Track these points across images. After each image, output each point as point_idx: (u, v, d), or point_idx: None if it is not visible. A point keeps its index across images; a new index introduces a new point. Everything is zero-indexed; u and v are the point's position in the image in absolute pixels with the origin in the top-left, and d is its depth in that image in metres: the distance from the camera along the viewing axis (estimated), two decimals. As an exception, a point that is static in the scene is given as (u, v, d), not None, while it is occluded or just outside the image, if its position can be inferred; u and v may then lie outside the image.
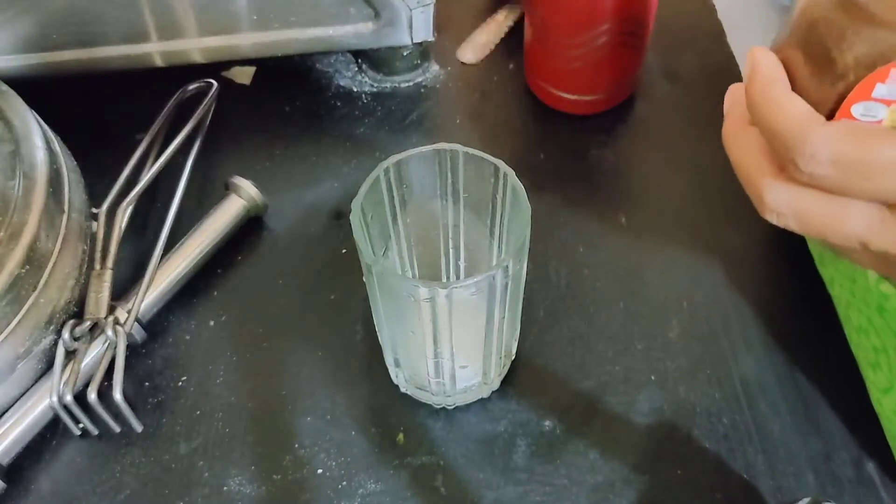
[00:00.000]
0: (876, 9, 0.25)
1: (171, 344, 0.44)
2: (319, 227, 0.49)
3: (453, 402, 0.41)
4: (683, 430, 0.41)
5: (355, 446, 0.41)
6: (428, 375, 0.39)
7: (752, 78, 0.27)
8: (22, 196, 0.39)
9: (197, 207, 0.48)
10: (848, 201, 0.25)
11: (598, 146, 0.52)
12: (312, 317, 0.45)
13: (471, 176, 0.37)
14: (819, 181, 0.25)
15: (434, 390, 0.40)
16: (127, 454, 0.41)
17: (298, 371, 0.43)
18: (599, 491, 0.39)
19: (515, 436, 0.41)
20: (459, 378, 0.39)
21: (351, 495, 0.39)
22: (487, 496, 0.39)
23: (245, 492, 0.39)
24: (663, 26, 0.52)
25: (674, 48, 0.58)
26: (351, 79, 0.57)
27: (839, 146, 0.24)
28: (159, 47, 0.51)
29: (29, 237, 0.38)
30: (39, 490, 0.40)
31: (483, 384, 0.41)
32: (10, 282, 0.37)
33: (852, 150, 0.24)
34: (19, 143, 0.41)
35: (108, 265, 0.43)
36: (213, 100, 0.51)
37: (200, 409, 0.42)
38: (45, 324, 0.40)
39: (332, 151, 0.53)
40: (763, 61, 0.27)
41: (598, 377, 0.42)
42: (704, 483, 0.39)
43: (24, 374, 0.40)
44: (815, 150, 0.25)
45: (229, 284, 0.47)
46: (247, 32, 0.51)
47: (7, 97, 0.43)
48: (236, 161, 0.52)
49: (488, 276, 0.32)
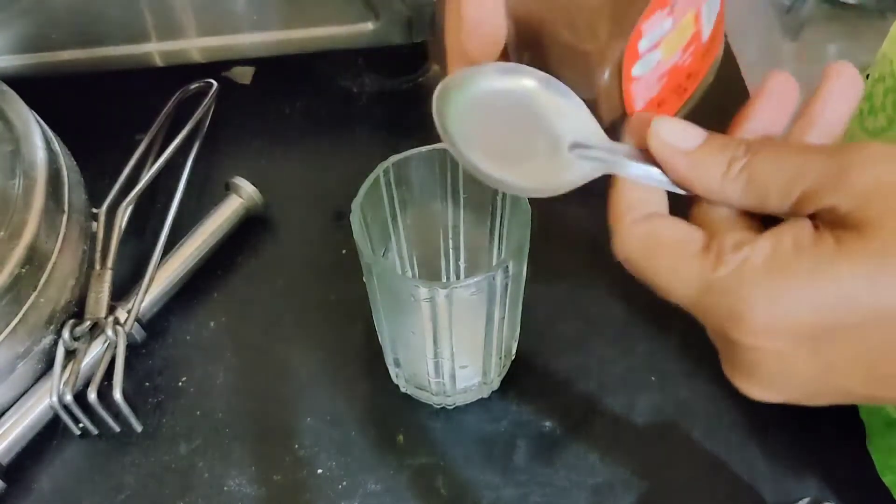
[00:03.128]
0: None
1: (170, 344, 0.44)
2: (319, 228, 0.49)
3: (453, 402, 0.41)
4: (684, 432, 0.41)
5: (355, 446, 0.41)
6: (428, 375, 0.39)
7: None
8: (22, 196, 0.39)
9: (197, 207, 0.48)
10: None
11: (598, 146, 0.52)
12: (312, 317, 0.45)
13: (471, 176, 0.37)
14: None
15: (434, 390, 0.40)
16: (127, 454, 0.41)
17: (298, 371, 0.43)
18: (599, 492, 0.39)
19: (515, 436, 0.41)
20: (459, 378, 0.39)
21: (351, 495, 0.39)
22: (487, 497, 0.39)
23: (245, 492, 0.39)
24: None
25: (674, 48, 0.58)
26: (351, 79, 0.57)
27: (628, 254, 0.27)
28: (159, 47, 0.51)
29: (29, 237, 0.38)
30: (39, 490, 0.40)
31: (483, 384, 0.41)
32: (10, 281, 0.37)
33: (638, 261, 0.27)
34: (19, 142, 0.41)
35: (108, 265, 0.43)
36: (213, 100, 0.51)
37: (200, 409, 0.42)
38: (44, 324, 0.40)
39: (332, 152, 0.53)
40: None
41: (599, 378, 0.42)
42: (705, 484, 0.39)
43: (24, 373, 0.40)
44: (615, 248, 0.27)
45: (229, 285, 0.47)
46: (247, 32, 0.51)
47: (7, 97, 0.43)
48: (236, 161, 0.52)
49: (488, 277, 0.32)
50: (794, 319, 0.24)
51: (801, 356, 0.25)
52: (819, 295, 0.24)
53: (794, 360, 0.25)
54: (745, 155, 0.26)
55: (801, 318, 0.24)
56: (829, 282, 0.24)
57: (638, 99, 0.29)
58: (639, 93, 0.29)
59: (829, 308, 0.24)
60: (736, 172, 0.26)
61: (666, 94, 0.30)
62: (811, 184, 0.25)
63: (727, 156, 0.26)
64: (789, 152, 0.25)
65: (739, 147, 0.26)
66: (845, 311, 0.24)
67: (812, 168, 0.25)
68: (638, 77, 0.28)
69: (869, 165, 0.24)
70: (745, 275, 0.24)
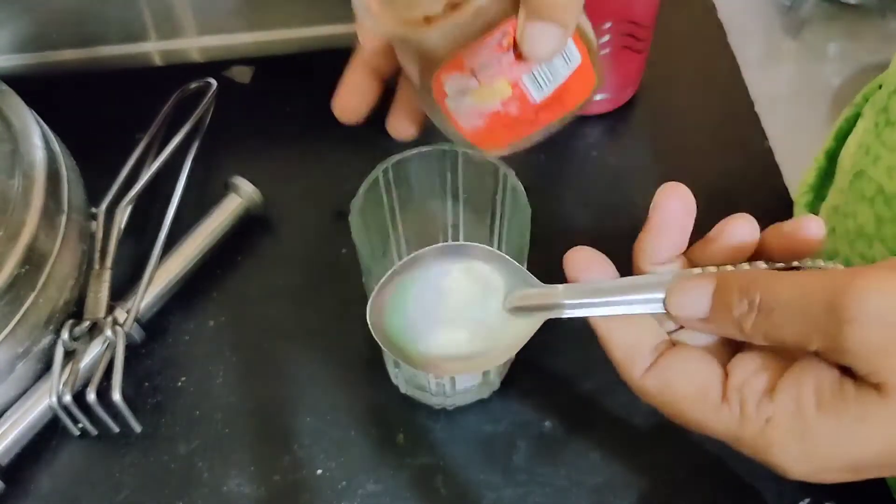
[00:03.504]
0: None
1: (170, 344, 0.44)
2: (319, 228, 0.49)
3: (453, 402, 0.41)
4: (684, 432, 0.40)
5: (355, 446, 0.41)
6: (427, 376, 0.39)
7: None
8: (21, 195, 0.39)
9: (197, 207, 0.48)
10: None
11: (599, 148, 0.52)
12: (312, 317, 0.45)
13: (470, 176, 0.36)
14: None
15: (434, 391, 0.40)
16: (126, 454, 0.41)
17: (298, 371, 0.43)
18: (600, 492, 0.39)
19: (515, 436, 0.41)
20: (459, 379, 0.39)
21: (351, 495, 0.39)
22: (487, 497, 0.39)
23: (245, 492, 0.39)
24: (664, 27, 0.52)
25: (674, 49, 0.57)
26: (351, 78, 0.57)
27: (652, 404, 0.29)
28: (158, 46, 0.51)
29: (28, 237, 0.38)
30: (39, 490, 0.40)
31: (483, 385, 0.41)
32: (10, 282, 0.37)
33: (665, 411, 0.28)
34: (18, 142, 0.41)
35: (107, 265, 0.43)
36: (213, 99, 0.51)
37: (199, 409, 0.42)
38: (44, 324, 0.40)
39: (332, 151, 0.53)
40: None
41: (599, 378, 0.42)
42: (705, 485, 0.39)
43: (23, 374, 0.40)
44: (639, 394, 0.29)
45: (229, 284, 0.47)
46: (246, 32, 0.51)
47: (7, 97, 0.43)
48: (236, 161, 0.52)
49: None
50: (824, 471, 0.26)
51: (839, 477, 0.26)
52: (845, 454, 0.25)
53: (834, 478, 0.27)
54: (751, 313, 0.26)
55: (829, 470, 0.26)
56: (855, 443, 0.25)
57: (463, 124, 0.32)
58: (461, 120, 0.32)
59: (856, 461, 0.25)
60: (751, 329, 0.26)
61: (497, 127, 0.32)
62: (822, 344, 0.25)
63: (737, 314, 0.26)
64: (792, 308, 0.25)
65: (741, 302, 0.26)
66: (871, 461, 0.25)
67: (817, 327, 0.24)
68: (454, 111, 0.31)
69: (874, 321, 0.23)
70: (774, 439, 0.26)
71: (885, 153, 0.36)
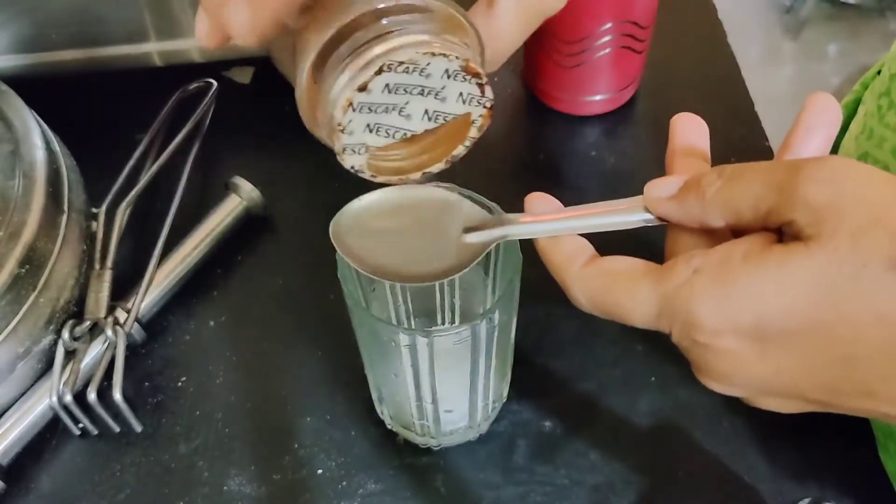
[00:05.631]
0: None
1: (170, 344, 0.44)
2: (319, 227, 0.49)
3: (438, 443, 0.40)
4: (684, 432, 0.41)
5: (355, 446, 0.41)
6: (412, 417, 0.38)
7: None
8: (21, 196, 0.39)
9: (197, 207, 0.48)
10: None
11: (598, 147, 0.52)
12: (312, 317, 0.45)
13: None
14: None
15: (419, 431, 0.39)
16: (127, 454, 0.41)
17: (298, 371, 0.43)
18: (600, 491, 0.39)
19: (516, 436, 0.41)
20: (445, 422, 0.38)
21: (351, 495, 0.39)
22: (487, 496, 0.39)
23: (245, 492, 0.39)
24: (663, 27, 0.52)
25: (674, 49, 0.57)
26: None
27: (587, 293, 0.29)
28: (158, 47, 0.51)
29: (28, 237, 0.38)
30: (39, 490, 0.40)
31: (469, 428, 0.39)
32: (10, 281, 0.37)
33: (597, 297, 0.29)
34: (19, 142, 0.41)
35: (107, 265, 0.43)
36: (213, 99, 0.51)
37: (200, 409, 0.42)
38: (44, 324, 0.40)
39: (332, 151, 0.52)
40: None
41: (599, 378, 0.42)
42: (705, 485, 0.39)
43: (23, 374, 0.40)
44: (573, 295, 0.30)
45: (229, 284, 0.47)
46: (247, 32, 0.51)
47: (7, 97, 0.43)
48: (236, 161, 0.52)
49: (472, 326, 0.31)
50: (738, 323, 0.26)
51: (750, 356, 0.26)
52: (760, 301, 0.25)
53: (744, 359, 0.26)
54: (718, 179, 0.27)
55: (743, 321, 0.26)
56: (770, 289, 0.25)
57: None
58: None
59: (769, 314, 0.25)
60: (712, 196, 0.27)
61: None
62: (775, 199, 0.26)
63: (704, 183, 0.28)
64: (757, 170, 0.27)
65: (712, 174, 0.27)
66: (784, 317, 0.25)
67: (776, 184, 0.26)
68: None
69: (829, 181, 0.25)
70: (695, 284, 0.26)
71: (889, 134, 0.37)
